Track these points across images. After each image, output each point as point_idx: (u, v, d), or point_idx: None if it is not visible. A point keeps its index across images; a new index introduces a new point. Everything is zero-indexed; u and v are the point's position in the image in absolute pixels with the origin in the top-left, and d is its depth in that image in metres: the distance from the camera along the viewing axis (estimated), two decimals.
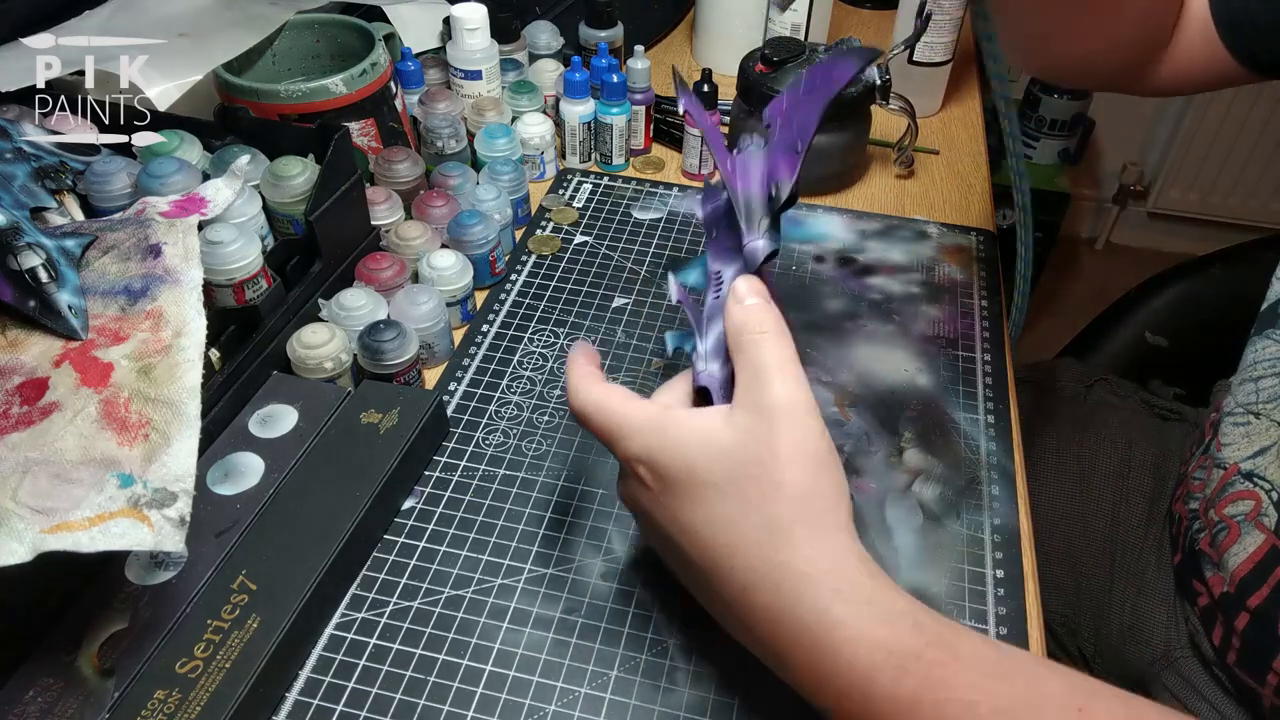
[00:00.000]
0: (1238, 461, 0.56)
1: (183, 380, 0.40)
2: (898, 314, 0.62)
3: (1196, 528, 0.59)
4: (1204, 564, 0.58)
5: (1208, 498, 0.58)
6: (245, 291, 0.51)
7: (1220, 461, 0.58)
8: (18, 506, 0.34)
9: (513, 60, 0.76)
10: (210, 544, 0.42)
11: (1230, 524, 0.55)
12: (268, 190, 0.54)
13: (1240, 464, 0.56)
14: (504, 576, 0.46)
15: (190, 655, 0.38)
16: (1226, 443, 0.58)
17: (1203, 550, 0.58)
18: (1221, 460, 0.58)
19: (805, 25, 0.82)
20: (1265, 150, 1.81)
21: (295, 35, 0.67)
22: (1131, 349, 0.90)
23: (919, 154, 0.78)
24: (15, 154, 0.49)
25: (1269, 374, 0.55)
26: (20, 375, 0.40)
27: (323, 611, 0.43)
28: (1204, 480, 0.60)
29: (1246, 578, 0.53)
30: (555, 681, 0.42)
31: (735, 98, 0.73)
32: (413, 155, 0.64)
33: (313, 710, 0.41)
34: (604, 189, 0.74)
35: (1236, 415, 0.57)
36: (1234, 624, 0.55)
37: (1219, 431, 0.59)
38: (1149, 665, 0.62)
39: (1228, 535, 0.55)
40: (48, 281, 0.42)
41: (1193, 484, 0.61)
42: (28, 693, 0.37)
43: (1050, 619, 0.68)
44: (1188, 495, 0.62)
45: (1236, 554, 0.54)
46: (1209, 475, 0.59)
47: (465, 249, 0.60)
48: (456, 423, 0.54)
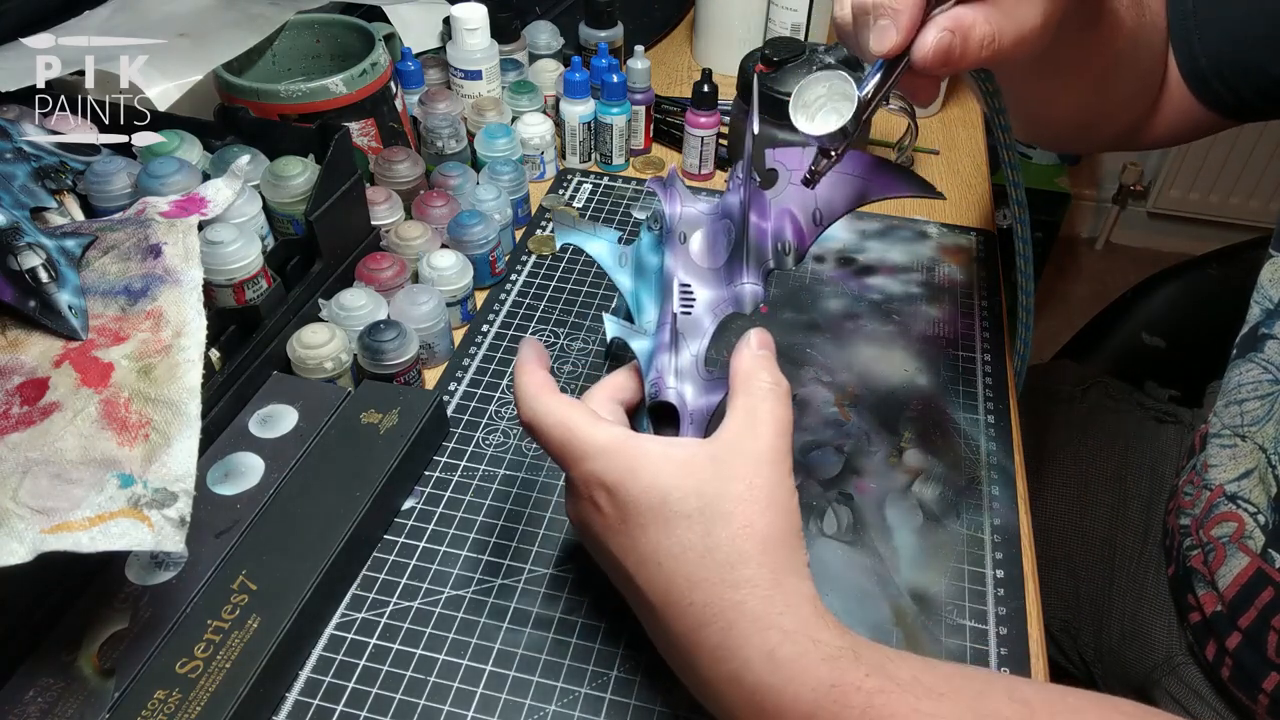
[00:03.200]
0: (1223, 483, 0.56)
1: (183, 380, 0.40)
2: (898, 314, 0.62)
3: (1188, 545, 0.59)
4: (1196, 581, 0.58)
5: (1197, 517, 0.58)
6: (245, 291, 0.51)
7: (1208, 483, 0.58)
8: (18, 506, 0.34)
9: (513, 60, 0.76)
10: (210, 544, 0.42)
11: (1217, 545, 0.55)
12: (268, 190, 0.54)
13: (1225, 486, 0.56)
14: (504, 576, 0.46)
15: (190, 655, 0.38)
16: (1213, 464, 0.58)
17: (1194, 568, 0.58)
18: (1209, 481, 0.58)
19: (805, 25, 0.82)
20: (1265, 150, 1.81)
21: (295, 35, 0.67)
22: (1128, 350, 0.90)
23: (919, 154, 0.78)
24: (15, 154, 0.49)
25: (1252, 397, 0.56)
26: (20, 375, 0.40)
27: (323, 611, 0.43)
28: (1193, 498, 0.60)
29: (1235, 599, 0.53)
30: (555, 681, 0.42)
31: (735, 98, 0.73)
32: (413, 155, 0.64)
33: (313, 710, 0.41)
34: (604, 189, 0.74)
35: (1224, 437, 0.58)
36: (1225, 643, 0.55)
37: (1206, 452, 0.59)
38: (1150, 671, 0.62)
39: (1216, 555, 0.55)
40: (48, 281, 0.42)
41: (1183, 499, 0.61)
42: (28, 693, 0.37)
43: (1050, 624, 0.68)
44: (1179, 510, 0.62)
45: (1224, 575, 0.54)
46: (1197, 495, 0.59)
47: (465, 249, 0.60)
48: (456, 423, 0.54)
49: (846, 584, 0.46)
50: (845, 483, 0.51)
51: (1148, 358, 0.89)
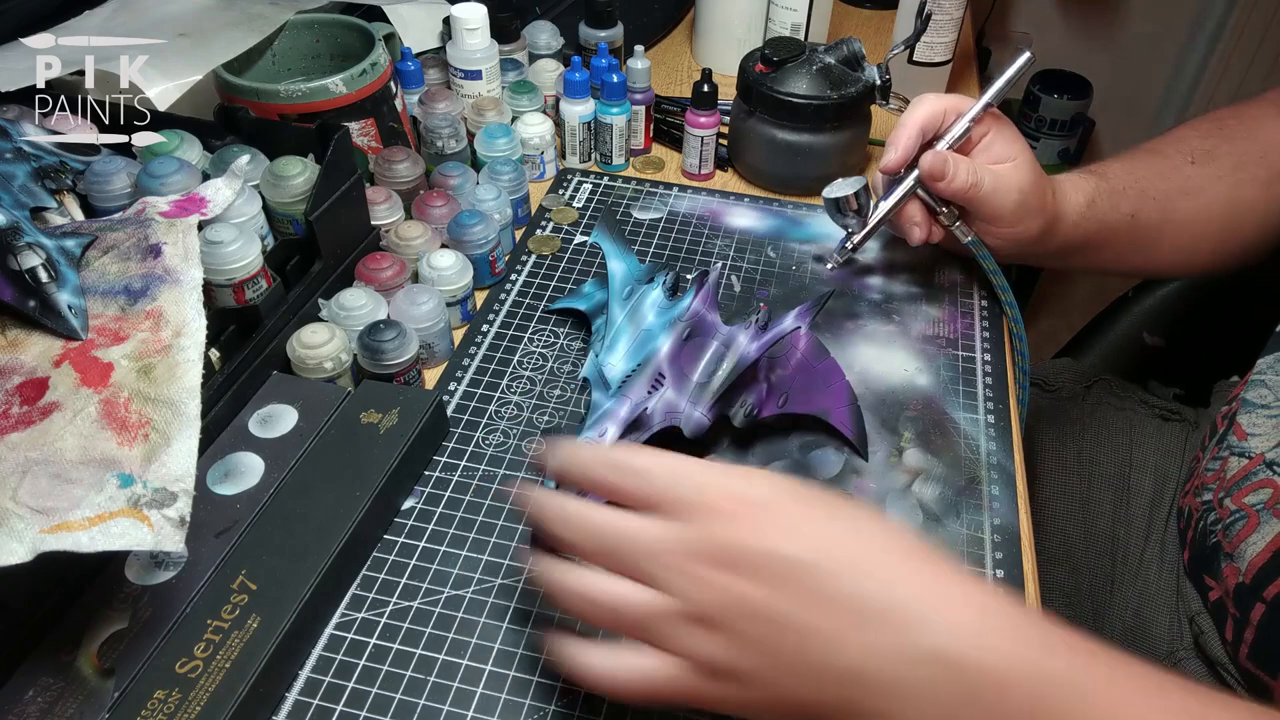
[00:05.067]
0: (1264, 451, 0.56)
1: (183, 380, 0.40)
2: (898, 314, 0.62)
3: (1211, 519, 0.59)
4: (1219, 557, 0.58)
5: (1225, 486, 0.58)
6: (245, 291, 0.51)
7: (1244, 451, 0.58)
8: (18, 506, 0.34)
9: (513, 60, 0.76)
10: (210, 544, 0.42)
11: (1250, 512, 0.55)
12: (268, 190, 0.54)
13: (1266, 454, 0.56)
14: (504, 576, 0.46)
15: (190, 655, 0.38)
16: (1254, 433, 0.58)
17: (1217, 543, 0.58)
18: (1246, 450, 0.57)
19: (805, 25, 0.82)
20: None
21: (295, 35, 0.67)
22: (1129, 349, 0.90)
23: None
24: (15, 154, 0.49)
25: None
26: (20, 375, 0.40)
27: (323, 611, 0.43)
28: (1217, 471, 0.60)
29: (1265, 567, 0.53)
30: (555, 682, 0.42)
31: (735, 98, 0.73)
32: (413, 155, 0.64)
33: (313, 710, 0.41)
34: (604, 189, 0.74)
35: (1271, 408, 0.57)
36: (1249, 616, 0.54)
37: (1236, 422, 0.59)
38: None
39: (1246, 524, 0.55)
40: (48, 281, 0.42)
41: (1205, 476, 0.61)
42: (28, 693, 0.37)
43: None
44: (1200, 488, 0.61)
45: (1255, 543, 0.54)
46: (1224, 465, 0.59)
47: (465, 249, 0.60)
48: (456, 423, 0.54)
49: None
50: (845, 483, 0.51)
51: (1149, 357, 0.89)
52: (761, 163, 0.73)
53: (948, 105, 0.59)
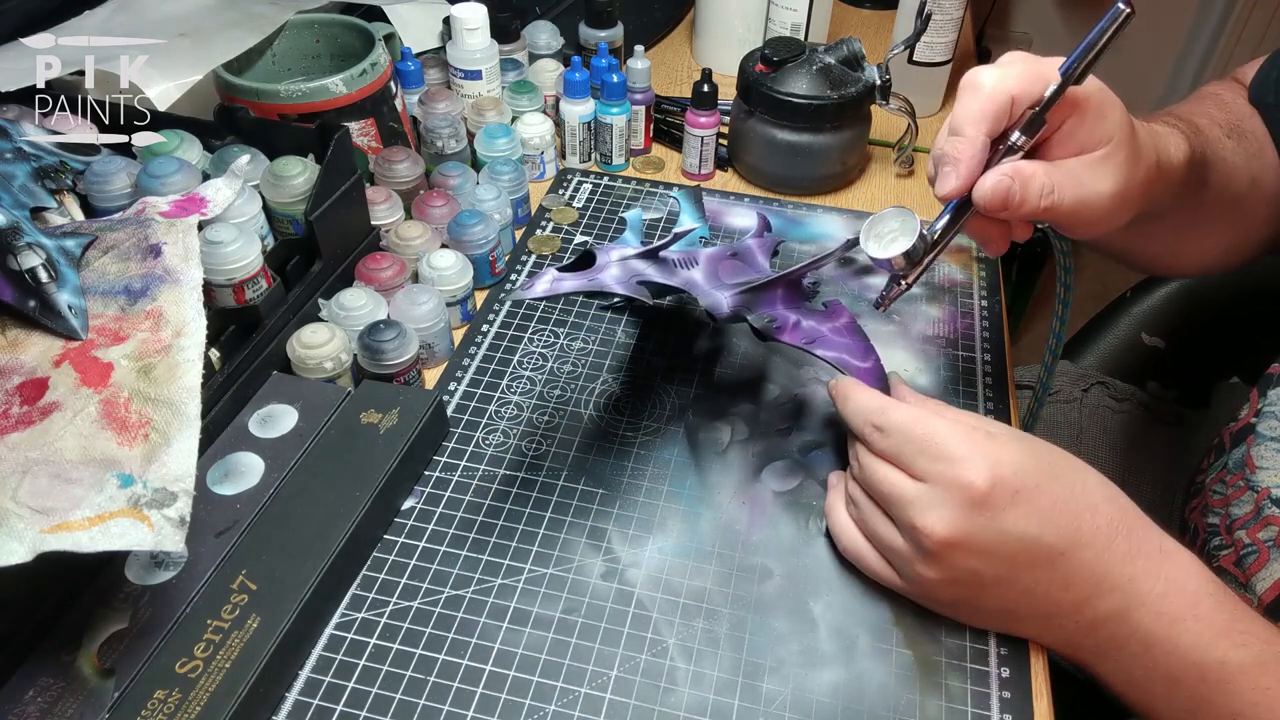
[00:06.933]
0: (1269, 487, 0.55)
1: (183, 380, 0.40)
2: (898, 314, 0.62)
3: (1217, 544, 0.58)
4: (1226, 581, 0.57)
5: (1236, 518, 0.57)
6: (245, 291, 0.51)
7: (1254, 484, 0.56)
8: (18, 506, 0.34)
9: (513, 60, 0.76)
10: (210, 544, 0.42)
11: (1261, 547, 0.54)
12: (268, 190, 0.54)
13: (1272, 490, 0.55)
14: (504, 576, 0.46)
15: (190, 655, 0.38)
16: (1262, 466, 0.56)
17: (1225, 569, 0.57)
18: (1256, 483, 0.56)
19: (805, 25, 0.82)
20: None
21: (295, 35, 0.67)
22: (1127, 351, 0.89)
23: (919, 154, 0.78)
24: (15, 154, 0.49)
25: None
26: (20, 375, 0.40)
27: (323, 611, 0.43)
28: (1225, 496, 0.59)
29: (1274, 604, 0.52)
30: (555, 681, 0.42)
31: (735, 98, 0.73)
32: (413, 155, 0.64)
33: (313, 710, 0.41)
34: (604, 189, 0.74)
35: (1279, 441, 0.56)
36: None
37: (1253, 451, 0.57)
38: None
39: (1257, 559, 0.54)
40: (48, 281, 0.42)
41: (1212, 498, 0.60)
42: (28, 693, 0.37)
43: None
44: (1206, 508, 0.60)
45: (1264, 579, 0.53)
46: (1238, 495, 0.58)
47: (465, 249, 0.60)
48: (456, 423, 0.54)
49: (847, 583, 0.46)
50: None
51: (1148, 359, 0.89)
52: (761, 163, 0.73)
53: (1014, 90, 0.42)
